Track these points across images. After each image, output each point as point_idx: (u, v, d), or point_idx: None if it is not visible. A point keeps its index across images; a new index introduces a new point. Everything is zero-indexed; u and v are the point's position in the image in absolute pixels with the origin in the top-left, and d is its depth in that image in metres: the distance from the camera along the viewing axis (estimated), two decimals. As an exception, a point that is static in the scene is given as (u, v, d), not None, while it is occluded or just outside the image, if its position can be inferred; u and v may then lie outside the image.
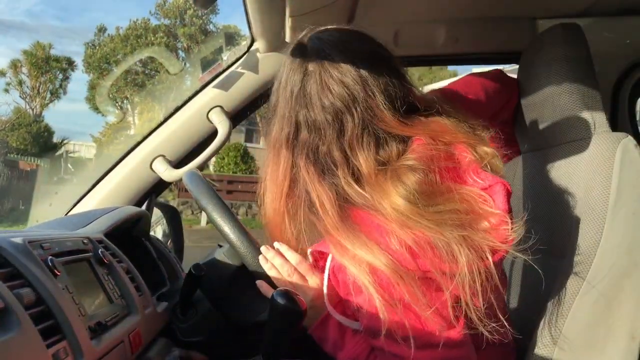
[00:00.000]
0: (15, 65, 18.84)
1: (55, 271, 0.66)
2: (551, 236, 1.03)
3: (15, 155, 14.66)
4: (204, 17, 16.39)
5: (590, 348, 0.90)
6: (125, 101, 16.75)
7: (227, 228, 0.90)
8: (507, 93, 1.18)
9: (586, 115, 1.01)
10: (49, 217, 1.20)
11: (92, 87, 17.69)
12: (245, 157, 13.53)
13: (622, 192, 0.90)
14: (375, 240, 0.75)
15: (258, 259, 0.89)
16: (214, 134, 1.33)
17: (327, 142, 0.81)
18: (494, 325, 0.75)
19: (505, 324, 0.77)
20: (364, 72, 0.81)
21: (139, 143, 1.34)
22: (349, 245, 0.76)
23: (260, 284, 0.90)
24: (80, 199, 1.32)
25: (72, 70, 19.45)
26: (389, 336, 0.75)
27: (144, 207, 1.34)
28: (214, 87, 1.33)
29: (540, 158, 1.13)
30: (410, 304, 0.73)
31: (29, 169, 13.35)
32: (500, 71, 1.22)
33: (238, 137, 15.53)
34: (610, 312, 0.90)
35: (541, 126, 1.09)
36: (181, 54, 16.42)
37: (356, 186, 0.79)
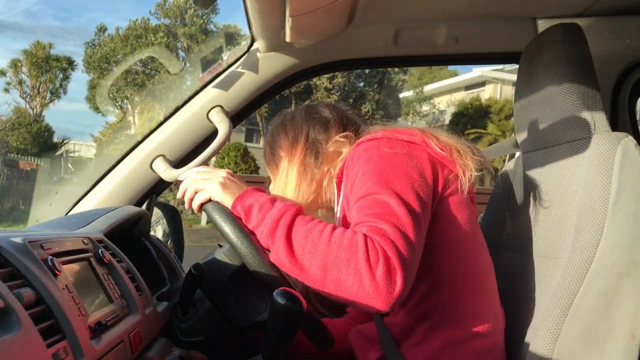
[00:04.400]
0: (15, 64, 18.84)
1: (56, 271, 0.66)
2: (551, 235, 1.03)
3: (15, 155, 14.65)
4: (204, 17, 16.38)
5: (590, 347, 0.90)
6: (125, 101, 16.74)
7: (227, 228, 0.90)
8: None
9: (586, 115, 1.01)
10: (49, 217, 1.20)
11: (92, 86, 17.68)
12: (246, 157, 13.53)
13: (622, 192, 0.90)
14: None
15: (258, 259, 0.89)
16: (214, 133, 1.33)
17: None
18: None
19: None
20: None
21: (139, 143, 1.34)
22: None
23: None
24: (80, 198, 1.32)
25: (72, 70, 19.46)
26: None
27: (144, 207, 1.34)
28: (214, 87, 1.33)
29: (540, 158, 1.13)
30: None
31: (29, 168, 13.35)
32: None
33: (238, 137, 15.54)
34: (610, 311, 0.90)
35: (541, 126, 1.09)
36: (181, 53, 16.41)
37: None
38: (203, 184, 0.95)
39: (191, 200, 0.97)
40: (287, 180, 1.13)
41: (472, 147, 1.00)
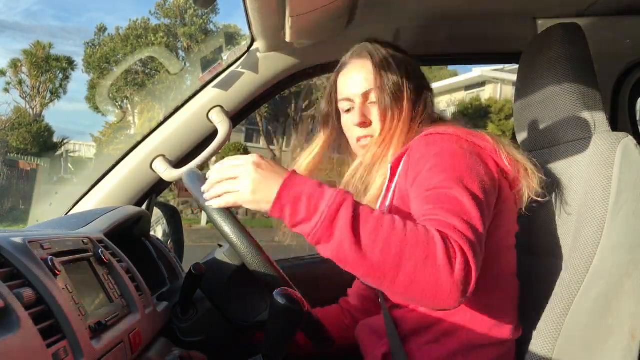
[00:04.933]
0: (15, 64, 18.84)
1: (56, 271, 0.66)
2: (552, 235, 1.03)
3: (15, 155, 14.65)
4: (204, 17, 16.39)
5: (590, 347, 0.90)
6: (125, 101, 16.74)
7: (227, 228, 0.90)
8: None
9: (586, 115, 1.01)
10: (49, 216, 1.20)
11: (92, 86, 17.68)
12: (246, 157, 13.52)
13: (622, 192, 0.90)
14: None
15: (258, 259, 0.89)
16: (214, 133, 1.33)
17: None
18: None
19: None
20: None
21: (139, 143, 1.34)
22: None
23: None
24: (80, 198, 1.32)
25: (72, 70, 19.47)
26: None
27: (144, 206, 1.34)
28: (214, 86, 1.33)
29: (540, 158, 1.12)
30: None
31: (29, 168, 13.35)
32: None
33: (238, 137, 15.54)
34: (611, 311, 0.90)
35: (541, 126, 1.09)
36: (181, 53, 16.41)
37: None
38: (231, 186, 0.83)
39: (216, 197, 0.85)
40: (396, 129, 1.04)
41: (538, 168, 1.00)
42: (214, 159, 1.40)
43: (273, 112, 15.59)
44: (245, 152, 13.55)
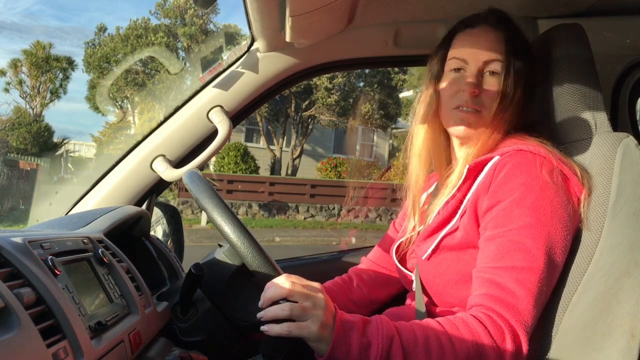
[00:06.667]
0: (15, 64, 18.84)
1: (56, 271, 0.66)
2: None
3: (15, 155, 14.64)
4: (204, 17, 16.38)
5: (589, 346, 0.90)
6: (125, 101, 16.73)
7: (227, 228, 0.90)
8: None
9: (587, 115, 1.01)
10: (49, 216, 1.20)
11: (92, 86, 17.67)
12: (245, 157, 13.53)
13: (622, 192, 0.90)
14: None
15: (258, 259, 0.89)
16: (214, 133, 1.33)
17: None
18: None
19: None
20: None
21: (139, 143, 1.34)
22: None
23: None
24: (81, 198, 1.32)
25: (72, 70, 19.47)
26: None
27: (144, 206, 1.34)
28: (214, 86, 1.33)
29: (540, 158, 1.12)
30: None
31: (29, 168, 13.34)
32: None
33: (238, 137, 15.54)
34: (610, 310, 0.89)
35: (542, 127, 1.09)
36: (181, 53, 16.41)
37: None
38: (301, 315, 0.79)
39: (274, 316, 0.79)
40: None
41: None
42: (214, 158, 1.41)
43: (273, 112, 15.58)
44: (245, 152, 13.55)
